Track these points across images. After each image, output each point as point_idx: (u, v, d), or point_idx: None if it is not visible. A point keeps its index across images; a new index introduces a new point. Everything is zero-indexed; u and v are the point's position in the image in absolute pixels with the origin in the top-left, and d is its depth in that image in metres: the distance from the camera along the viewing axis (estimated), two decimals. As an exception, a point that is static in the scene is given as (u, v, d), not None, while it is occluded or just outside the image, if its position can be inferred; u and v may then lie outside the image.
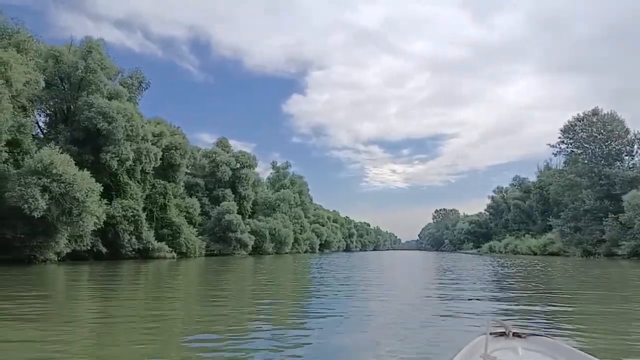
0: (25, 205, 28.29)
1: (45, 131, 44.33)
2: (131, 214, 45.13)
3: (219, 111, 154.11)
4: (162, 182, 56.17)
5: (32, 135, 41.41)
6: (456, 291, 16.15)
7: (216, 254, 65.86)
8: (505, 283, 20.32)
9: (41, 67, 41.10)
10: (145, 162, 47.51)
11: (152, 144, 52.73)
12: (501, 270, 30.81)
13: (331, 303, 12.40)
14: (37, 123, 44.75)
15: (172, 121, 66.45)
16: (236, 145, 79.98)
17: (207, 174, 77.16)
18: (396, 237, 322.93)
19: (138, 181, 52.76)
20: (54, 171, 29.68)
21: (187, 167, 77.13)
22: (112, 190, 48.17)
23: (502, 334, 4.35)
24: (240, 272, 28.53)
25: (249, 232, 72.82)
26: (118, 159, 42.45)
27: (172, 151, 62.05)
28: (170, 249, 50.92)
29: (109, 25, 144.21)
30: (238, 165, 79.28)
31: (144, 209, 52.16)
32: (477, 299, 13.48)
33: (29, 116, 35.35)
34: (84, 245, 40.87)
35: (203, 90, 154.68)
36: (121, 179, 48.51)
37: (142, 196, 51.12)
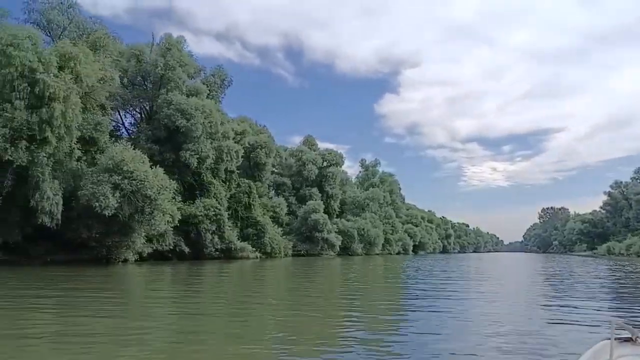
0: (97, 204, 27.51)
1: (129, 131, 44.71)
2: (213, 212, 44.05)
3: (312, 115, 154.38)
4: (247, 181, 55.04)
5: (116, 134, 41.87)
6: (578, 300, 14.02)
7: (302, 254, 63.82)
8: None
9: (123, 68, 41.40)
10: (227, 160, 46.30)
11: (235, 142, 51.79)
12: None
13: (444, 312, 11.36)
14: (123, 124, 45.34)
15: (270, 128, 66.03)
16: (330, 148, 77.69)
17: (293, 173, 75.69)
18: (498, 238, 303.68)
19: (223, 180, 51.99)
20: (125, 168, 28.71)
21: (274, 167, 76.37)
22: (195, 189, 47.74)
23: (628, 340, 4.14)
24: (327, 274, 26.04)
25: (335, 232, 70.01)
26: (198, 156, 41.49)
27: (258, 150, 61.10)
28: (254, 249, 49.41)
29: (210, 38, 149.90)
30: (325, 164, 76.91)
31: (228, 208, 51.24)
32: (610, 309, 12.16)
33: (107, 114, 35.13)
34: (165, 245, 40.36)
35: (298, 95, 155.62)
36: (205, 177, 47.83)
37: (226, 195, 50.17)
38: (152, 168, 31.35)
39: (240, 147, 48.26)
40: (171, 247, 41.10)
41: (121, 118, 45.12)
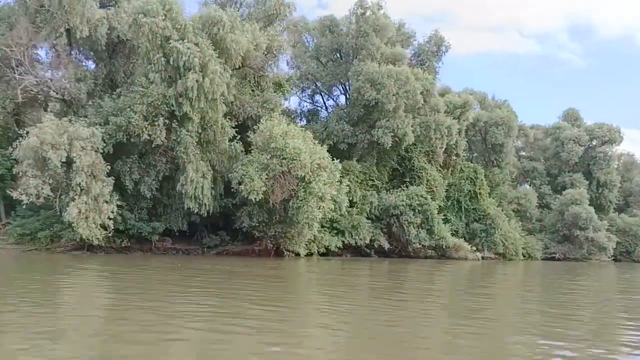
0: (241, 187, 23.73)
1: (329, 111, 40.93)
2: (417, 202, 36.41)
3: (604, 96, 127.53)
4: (472, 165, 45.20)
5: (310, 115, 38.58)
6: None
7: (557, 259, 49.58)
8: None
9: (316, 45, 37.95)
10: (436, 139, 37.92)
11: (455, 118, 42.79)
12: None
13: None
14: (325, 105, 41.85)
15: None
16: (600, 122, 59.79)
17: (549, 156, 60.78)
18: None
19: (442, 165, 43.72)
20: (273, 145, 24.16)
21: (522, 149, 63.11)
22: (403, 175, 40.91)
23: None
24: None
25: (609, 230, 52.54)
26: (393, 134, 34.55)
27: (492, 128, 50.29)
28: (475, 248, 39.50)
29: (484, 32, 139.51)
30: (594, 143, 59.26)
31: (447, 198, 42.69)
32: None
33: (285, 92, 31.74)
34: (359, 239, 34.89)
35: (585, 76, 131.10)
36: (414, 161, 40.58)
37: (443, 182, 41.77)
38: (318, 146, 26.20)
39: (456, 122, 39.06)
40: (366, 242, 35.40)
41: (322, 99, 41.70)
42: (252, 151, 25.52)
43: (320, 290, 15.55)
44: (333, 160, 26.53)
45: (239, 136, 26.35)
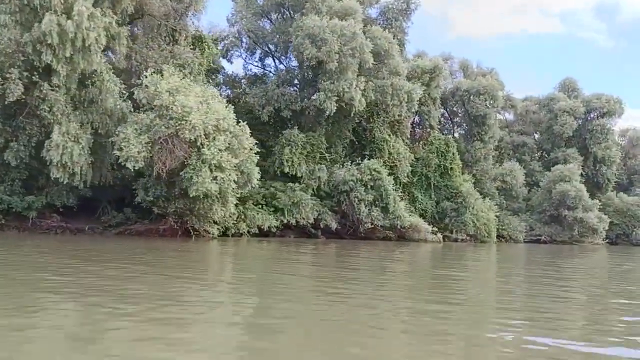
0: (118, 153, 19.82)
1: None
2: (369, 177, 32.21)
3: (634, 79, 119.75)
4: (442, 137, 40.67)
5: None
6: None
7: (543, 241, 45.02)
8: None
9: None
10: (394, 105, 33.48)
11: (424, 84, 38.30)
12: None
13: None
14: (277, 68, 37.47)
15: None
16: (599, 93, 54.36)
17: (542, 130, 55.76)
18: None
19: (408, 138, 39.42)
20: (157, 102, 20.12)
21: (513, 123, 58.18)
22: (363, 148, 36.69)
23: None
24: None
25: (602, 210, 47.67)
26: (337, 98, 30.25)
27: (473, 98, 45.63)
28: (436, 229, 35.23)
29: (505, 13, 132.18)
30: (592, 115, 54.02)
31: (414, 174, 38.38)
32: None
33: (209, 48, 27.60)
34: (301, 218, 30.90)
35: (612, 56, 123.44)
36: (377, 132, 36.30)
37: (408, 156, 37.44)
38: (220, 104, 22.08)
39: (418, 87, 34.47)
40: (311, 222, 31.41)
41: (274, 62, 37.43)
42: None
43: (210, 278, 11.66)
44: (239, 122, 22.39)
45: (126, 94, 22.35)
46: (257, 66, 37.84)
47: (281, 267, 15.85)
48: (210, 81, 35.16)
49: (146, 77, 20.70)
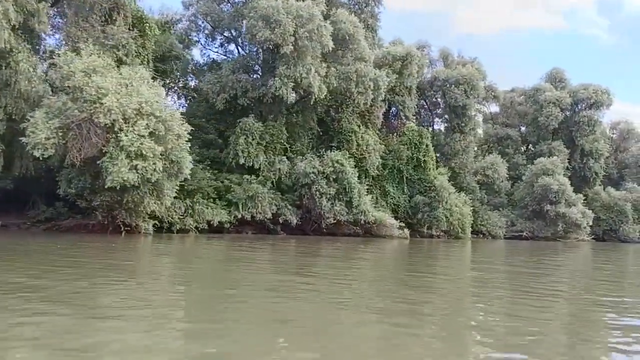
0: (26, 140, 17.85)
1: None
2: (331, 169, 30.24)
3: (636, 75, 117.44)
4: (416, 128, 38.65)
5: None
6: None
7: (524, 237, 43.03)
8: None
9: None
10: (359, 93, 31.44)
11: (395, 72, 36.35)
12: None
13: None
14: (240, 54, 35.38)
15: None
16: (586, 83, 52.18)
17: (528, 122, 53.72)
18: None
19: (379, 129, 37.49)
20: (70, 84, 18.15)
21: (498, 115, 56.11)
22: (330, 140, 34.73)
23: None
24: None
25: (589, 205, 45.70)
26: (294, 84, 28.26)
27: (452, 87, 43.61)
28: (403, 225, 33.31)
29: (508, 8, 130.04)
30: (579, 107, 51.89)
31: (385, 167, 36.42)
32: None
33: (150, 29, 25.56)
34: (257, 213, 28.92)
35: (614, 54, 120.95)
36: (345, 122, 34.37)
37: (378, 148, 35.46)
38: (145, 87, 20.05)
39: (384, 75, 32.41)
40: (269, 217, 29.40)
41: (238, 49, 35.30)
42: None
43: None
44: (168, 107, 20.43)
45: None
46: (219, 53, 35.87)
47: (194, 265, 13.93)
48: (171, 69, 33.54)
49: (59, 56, 18.70)
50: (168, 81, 35.07)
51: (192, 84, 36.24)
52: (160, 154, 19.37)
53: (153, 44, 27.48)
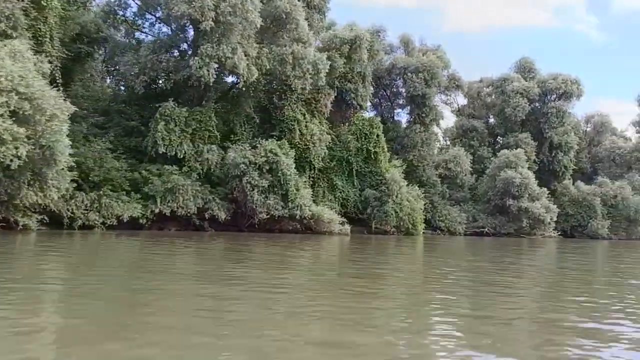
0: None
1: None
2: (264, 159, 27.61)
3: (624, 73, 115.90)
4: (366, 117, 36.19)
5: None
6: None
7: (486, 233, 40.78)
8: None
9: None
10: (295, 77, 28.79)
11: (344, 57, 33.83)
12: None
13: None
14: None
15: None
16: (555, 72, 49.89)
17: (495, 114, 51.49)
18: None
19: (327, 118, 34.91)
20: None
21: (466, 107, 53.78)
22: (269, 128, 32.11)
23: None
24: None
25: (557, 199, 43.57)
26: (218, 64, 25.56)
27: (411, 76, 41.21)
28: (344, 220, 30.79)
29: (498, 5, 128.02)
30: (548, 97, 49.65)
31: (332, 158, 33.87)
32: None
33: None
34: (179, 207, 26.18)
35: (603, 52, 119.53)
36: (288, 110, 31.72)
37: (324, 138, 32.91)
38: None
39: (324, 57, 29.81)
40: (193, 211, 26.67)
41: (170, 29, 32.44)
42: None
43: None
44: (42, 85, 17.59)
45: None
46: (152, 35, 32.96)
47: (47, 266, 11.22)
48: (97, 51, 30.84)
49: None
50: (94, 64, 32.43)
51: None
52: (27, 138, 16.63)
53: (59, 19, 24.65)
